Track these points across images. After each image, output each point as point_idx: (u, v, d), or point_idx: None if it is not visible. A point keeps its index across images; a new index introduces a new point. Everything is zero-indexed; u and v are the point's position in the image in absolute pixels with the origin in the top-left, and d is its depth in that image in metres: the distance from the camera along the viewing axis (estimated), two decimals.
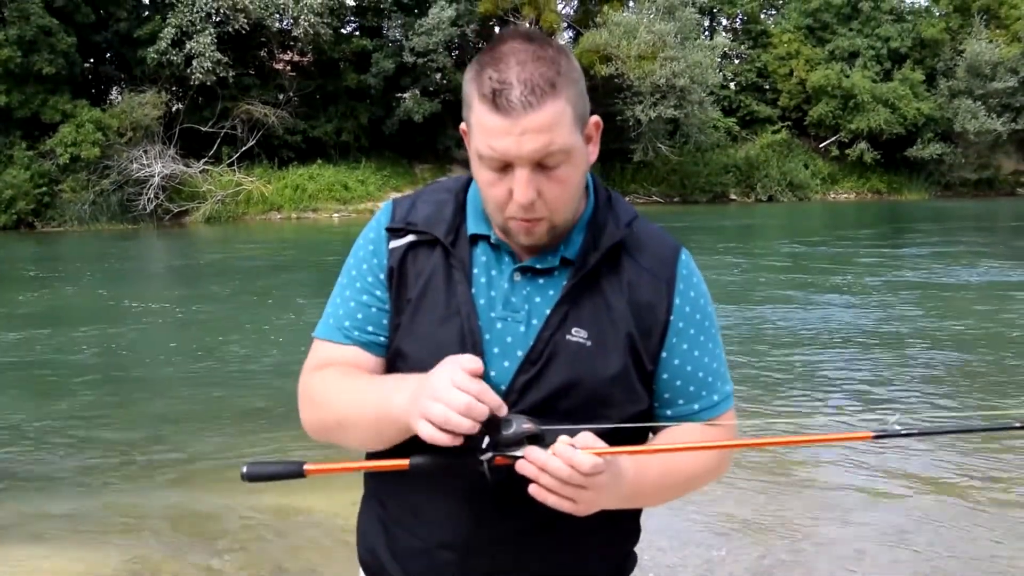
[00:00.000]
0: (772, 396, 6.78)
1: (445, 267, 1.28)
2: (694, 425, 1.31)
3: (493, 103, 1.15)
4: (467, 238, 1.30)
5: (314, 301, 11.01)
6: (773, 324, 9.59)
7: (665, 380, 1.30)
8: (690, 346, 1.30)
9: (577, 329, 1.24)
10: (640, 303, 1.27)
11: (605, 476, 1.13)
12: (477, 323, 1.24)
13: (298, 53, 33.03)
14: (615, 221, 1.30)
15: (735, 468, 4.86)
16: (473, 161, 1.24)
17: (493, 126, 1.16)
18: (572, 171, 1.20)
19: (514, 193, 1.18)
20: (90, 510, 4.61)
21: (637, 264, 1.29)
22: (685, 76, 32.98)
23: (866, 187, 40.94)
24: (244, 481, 1.21)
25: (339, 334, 1.33)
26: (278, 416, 6.12)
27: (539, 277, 1.27)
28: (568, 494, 1.11)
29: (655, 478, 1.25)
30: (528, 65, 1.15)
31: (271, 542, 4.08)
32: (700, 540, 4.03)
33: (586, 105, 1.23)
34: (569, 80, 1.18)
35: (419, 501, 1.28)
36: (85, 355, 8.57)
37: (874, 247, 18.22)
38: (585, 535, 1.29)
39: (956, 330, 9.13)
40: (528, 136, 1.14)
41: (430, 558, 1.29)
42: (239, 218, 28.57)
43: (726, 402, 1.34)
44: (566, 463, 1.09)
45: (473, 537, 1.26)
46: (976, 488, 4.75)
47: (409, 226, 1.31)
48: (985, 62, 39.12)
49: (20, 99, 26.30)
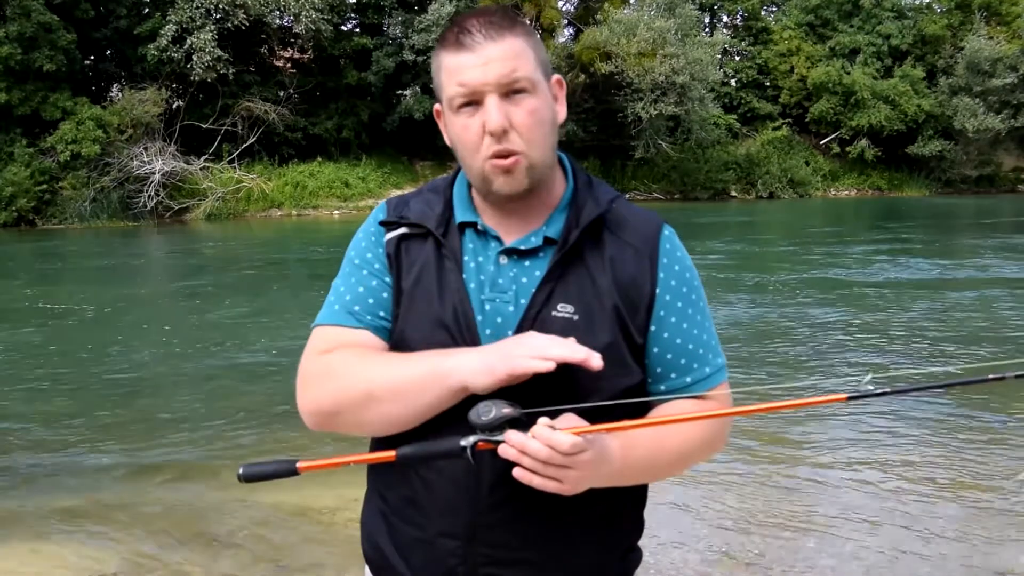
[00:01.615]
0: (746, 370, 7.17)
1: (436, 256, 1.32)
2: (685, 400, 1.32)
3: (457, 43, 1.24)
4: (456, 228, 1.33)
5: (309, 297, 11.07)
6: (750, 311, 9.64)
7: (656, 354, 1.32)
8: (679, 319, 1.32)
9: (563, 305, 1.27)
10: (624, 278, 1.29)
11: (589, 454, 1.14)
12: (469, 306, 1.28)
13: (298, 50, 33.07)
14: (595, 200, 1.33)
15: (733, 462, 4.89)
16: (448, 121, 1.29)
17: (460, 63, 1.23)
18: (540, 104, 1.25)
19: (487, 123, 1.22)
20: (90, 507, 4.61)
21: (619, 240, 1.31)
22: (685, 73, 32.96)
23: (867, 184, 40.94)
24: (241, 482, 1.23)
25: (351, 318, 1.33)
26: (277, 412, 6.14)
27: (524, 259, 1.30)
28: (552, 474, 1.13)
29: (644, 454, 1.25)
30: (484, 15, 1.26)
31: (272, 538, 4.08)
32: (699, 536, 4.04)
33: (548, 62, 1.31)
34: (527, 31, 1.27)
35: (418, 492, 1.29)
36: (84, 355, 8.58)
37: (855, 243, 18.25)
38: (585, 522, 1.30)
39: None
40: (493, 64, 1.22)
41: (432, 548, 1.30)
42: (240, 215, 28.59)
43: (719, 374, 1.35)
44: (545, 444, 1.11)
45: (473, 525, 1.27)
46: (972, 476, 4.76)
47: (401, 219, 1.36)
48: (984, 59, 39.08)
49: (20, 96, 26.33)
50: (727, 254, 16.24)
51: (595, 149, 34.15)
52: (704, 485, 4.57)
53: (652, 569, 3.63)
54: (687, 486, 4.48)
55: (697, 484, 4.55)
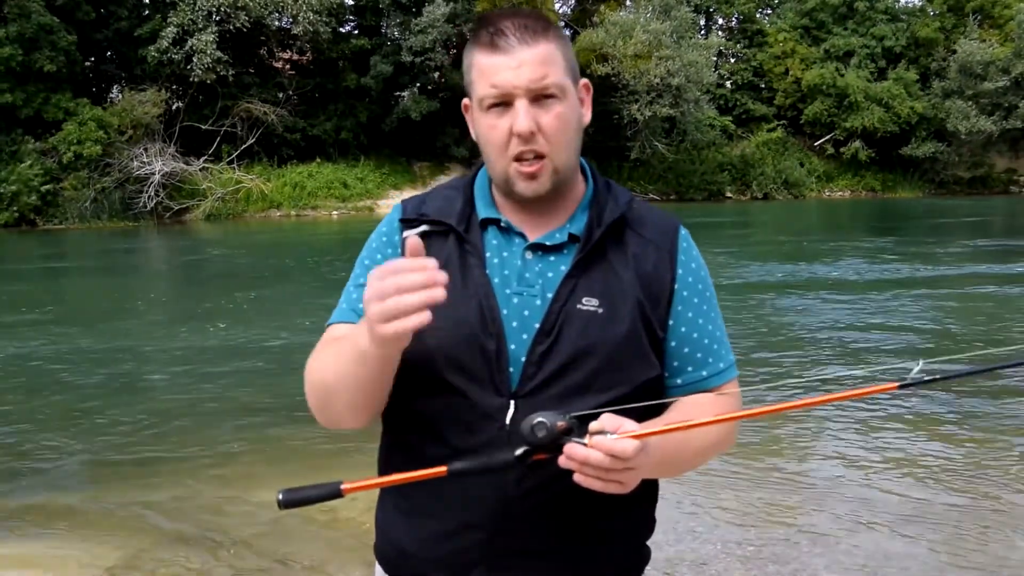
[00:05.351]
0: (783, 363, 7.33)
1: (459, 252, 1.33)
2: (705, 397, 1.35)
3: (492, 45, 1.26)
4: (478, 224, 1.35)
5: (313, 298, 11.28)
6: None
7: (673, 348, 1.35)
8: (695, 314, 1.36)
9: (588, 298, 1.29)
10: (647, 273, 1.33)
11: (643, 455, 1.15)
12: (495, 300, 1.29)
13: (297, 52, 33.24)
14: (615, 200, 1.38)
15: (730, 457, 4.89)
16: (476, 119, 1.32)
17: (493, 64, 1.26)
18: (568, 111, 1.29)
19: (514, 125, 1.25)
20: (91, 504, 4.60)
21: (640, 237, 1.36)
22: (681, 75, 33.24)
23: (861, 185, 41.23)
24: (280, 508, 1.17)
25: (354, 315, 1.34)
26: (278, 410, 6.16)
27: (550, 254, 1.33)
28: (614, 478, 1.14)
29: (673, 448, 1.27)
30: (519, 17, 1.29)
31: (272, 536, 4.03)
32: (696, 531, 4.02)
33: (577, 66, 1.34)
34: (560, 35, 1.31)
35: (443, 486, 1.23)
36: (84, 354, 8.61)
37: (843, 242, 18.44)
38: (606, 513, 1.32)
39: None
40: (525, 68, 1.25)
41: (458, 540, 1.31)
42: (239, 216, 28.76)
43: (731, 370, 1.39)
44: (607, 453, 1.11)
45: (500, 515, 1.28)
46: (972, 474, 4.73)
47: (422, 217, 1.37)
48: (976, 62, 39.38)
49: (23, 97, 26.52)
50: (734, 254, 16.42)
51: (591, 150, 34.23)
52: (702, 482, 4.54)
53: (649, 566, 3.65)
54: (684, 483, 4.44)
55: (695, 481, 4.52)
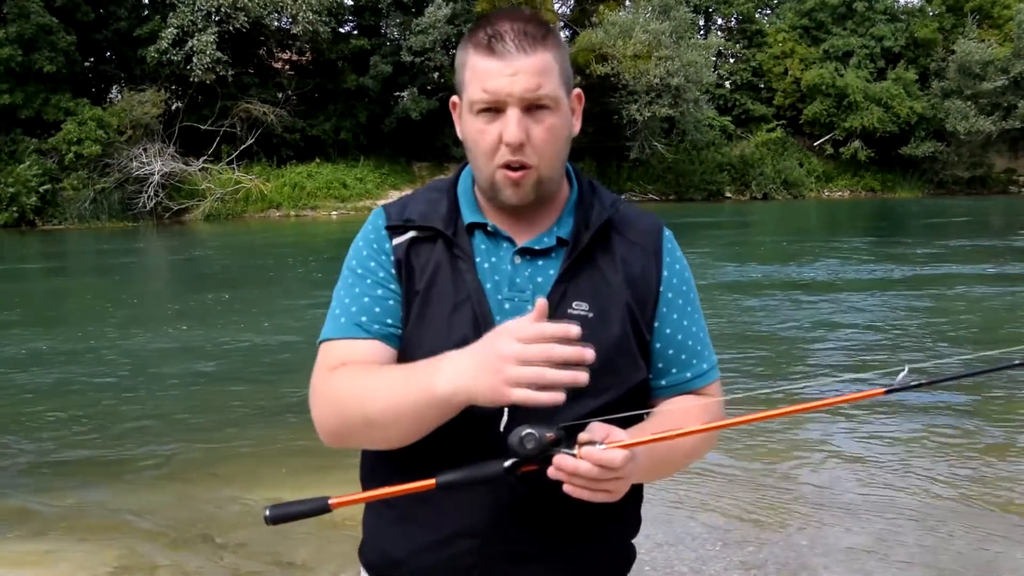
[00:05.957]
0: (773, 371, 7.33)
1: (449, 257, 1.31)
2: (691, 399, 1.36)
3: (488, 48, 1.23)
4: (464, 228, 1.33)
5: (306, 297, 11.39)
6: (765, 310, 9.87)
7: (658, 349, 1.35)
8: (679, 316, 1.36)
9: (578, 303, 1.28)
10: (634, 276, 1.33)
11: (632, 463, 1.15)
12: (488, 306, 1.28)
13: (297, 52, 33.28)
14: (600, 203, 1.36)
15: (728, 459, 4.92)
16: (465, 120, 1.30)
17: (488, 68, 1.23)
18: (559, 122, 1.27)
19: (504, 134, 1.23)
20: (89, 506, 4.60)
21: (627, 240, 1.35)
22: (680, 75, 33.27)
23: (860, 185, 41.26)
24: (267, 524, 1.17)
25: (357, 330, 1.31)
26: (277, 411, 6.18)
27: (538, 258, 1.32)
28: (603, 488, 1.14)
29: (660, 457, 1.27)
30: (519, 22, 1.26)
31: (270, 537, 4.00)
32: (694, 534, 4.02)
33: (571, 76, 1.31)
34: (557, 43, 1.28)
35: (433, 493, 1.21)
36: (84, 354, 8.62)
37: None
38: (596, 518, 1.30)
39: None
40: (521, 76, 1.22)
41: (451, 548, 1.29)
42: (238, 216, 28.79)
43: (713, 371, 1.39)
44: (597, 464, 1.11)
45: (494, 522, 1.27)
46: (970, 475, 4.74)
47: (408, 223, 1.34)
48: (975, 62, 39.42)
49: (23, 97, 26.56)
50: (728, 254, 16.44)
51: (591, 151, 34.34)
52: (696, 482, 4.54)
53: (647, 567, 3.63)
54: (679, 483, 4.46)
55: (689, 482, 4.52)
